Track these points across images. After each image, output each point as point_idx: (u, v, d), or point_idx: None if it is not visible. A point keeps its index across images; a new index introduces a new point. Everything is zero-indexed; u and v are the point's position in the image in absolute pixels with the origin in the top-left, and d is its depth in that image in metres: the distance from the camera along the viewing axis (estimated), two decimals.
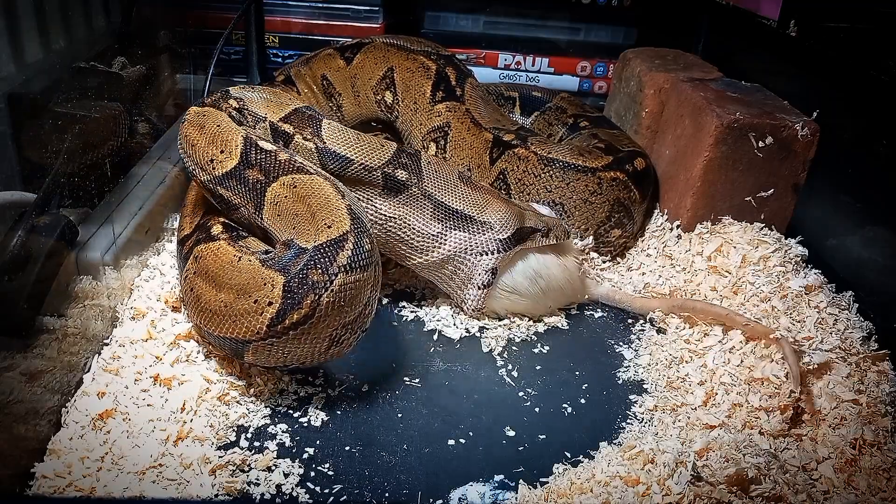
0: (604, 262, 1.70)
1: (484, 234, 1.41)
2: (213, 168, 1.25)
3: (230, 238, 1.24)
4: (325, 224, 1.17)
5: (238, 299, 1.14)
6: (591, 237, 1.66)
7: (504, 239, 1.42)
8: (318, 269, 1.12)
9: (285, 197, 1.22)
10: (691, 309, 1.43)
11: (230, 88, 1.42)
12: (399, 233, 1.40)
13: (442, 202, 1.40)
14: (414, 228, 1.40)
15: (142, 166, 1.60)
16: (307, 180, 1.23)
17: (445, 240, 1.41)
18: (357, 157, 1.36)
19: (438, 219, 1.40)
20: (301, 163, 1.26)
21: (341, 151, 1.36)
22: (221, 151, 1.25)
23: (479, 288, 1.43)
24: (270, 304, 1.11)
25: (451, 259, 1.42)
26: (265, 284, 1.12)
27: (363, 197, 1.38)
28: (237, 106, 1.36)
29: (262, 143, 1.26)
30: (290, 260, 1.15)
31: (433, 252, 1.41)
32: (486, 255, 1.41)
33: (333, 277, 1.12)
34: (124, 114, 1.52)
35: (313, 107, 1.43)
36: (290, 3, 2.23)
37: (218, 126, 1.28)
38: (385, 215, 1.39)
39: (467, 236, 1.41)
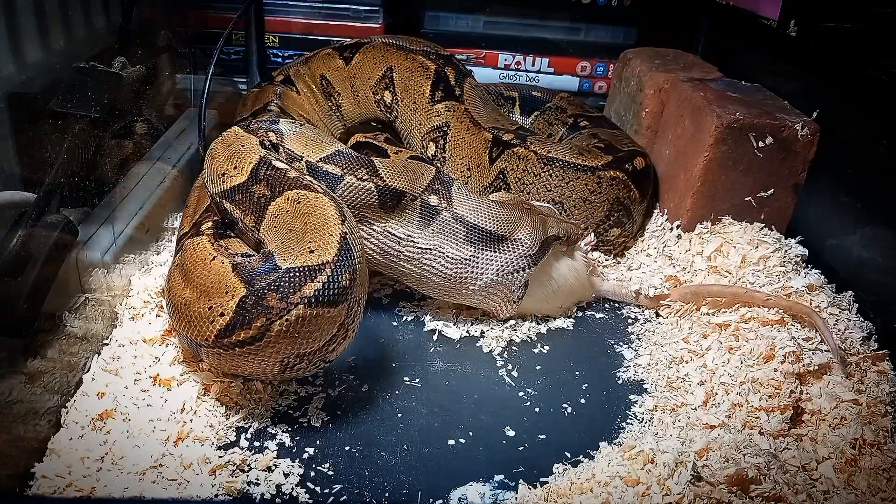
0: (607, 259, 1.70)
1: (516, 252, 1.40)
2: (223, 182, 1.23)
3: (213, 235, 1.23)
4: (309, 248, 1.11)
5: (198, 300, 1.11)
6: (593, 234, 1.66)
7: (534, 254, 1.41)
8: (279, 293, 1.06)
9: (286, 211, 1.18)
10: (706, 293, 1.43)
11: (281, 120, 1.41)
12: (436, 265, 1.37)
13: (476, 224, 1.37)
14: (449, 256, 1.37)
15: (142, 166, 1.60)
16: (312, 198, 1.18)
17: (479, 263, 1.38)
18: (409, 188, 1.34)
19: (471, 241, 1.37)
20: (310, 181, 1.22)
21: (399, 186, 1.33)
22: (235, 167, 1.23)
23: (514, 302, 1.43)
24: (222, 314, 1.08)
25: (490, 283, 1.40)
26: (226, 292, 1.09)
27: (404, 235, 1.34)
28: (275, 139, 1.34)
29: (275, 163, 1.23)
30: (259, 274, 1.10)
31: (476, 281, 1.39)
32: (520, 271, 1.40)
33: (291, 307, 1.06)
34: (90, 128, 1.41)
35: (350, 149, 1.40)
36: (290, 3, 2.23)
37: (243, 146, 1.27)
38: (421, 247, 1.35)
39: (502, 257, 1.39)
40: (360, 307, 1.17)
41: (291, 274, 1.08)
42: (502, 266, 1.39)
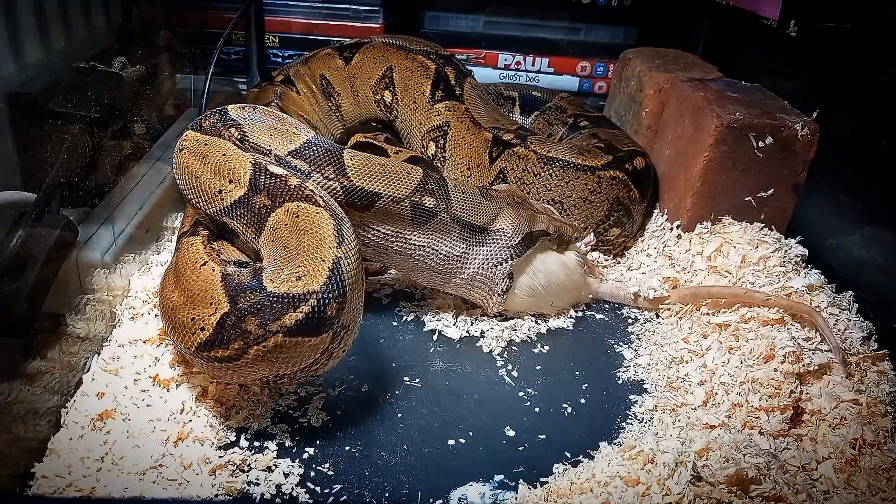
0: (606, 259, 1.70)
1: (499, 243, 1.40)
2: (222, 199, 1.16)
3: (208, 237, 1.20)
4: (297, 273, 1.06)
5: (184, 306, 1.09)
6: (593, 234, 1.66)
7: (516, 244, 1.41)
8: (258, 319, 1.03)
9: (285, 224, 1.12)
10: (706, 295, 1.43)
11: (228, 108, 1.28)
12: (427, 260, 1.37)
13: (468, 222, 1.38)
14: (442, 254, 1.37)
15: (141, 166, 1.60)
16: (312, 212, 1.12)
17: (469, 258, 1.39)
18: (385, 190, 1.28)
19: (464, 238, 1.38)
20: (311, 190, 1.16)
21: (369, 187, 1.27)
22: (230, 181, 1.16)
23: (500, 295, 1.43)
24: (203, 329, 1.06)
25: (474, 275, 1.41)
26: (210, 304, 1.06)
27: (391, 232, 1.32)
28: (238, 136, 1.25)
29: (272, 168, 1.17)
30: (244, 291, 1.05)
31: (460, 273, 1.40)
32: (503, 263, 1.41)
33: (269, 335, 1.03)
34: (90, 128, 1.37)
35: (323, 137, 1.33)
36: (290, 3, 2.23)
37: (223, 155, 1.19)
38: (415, 244, 1.34)
39: (486, 249, 1.40)
40: (348, 333, 1.12)
41: (274, 300, 1.04)
42: (486, 258, 1.40)
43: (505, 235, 1.41)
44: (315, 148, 1.27)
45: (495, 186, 1.55)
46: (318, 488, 1.06)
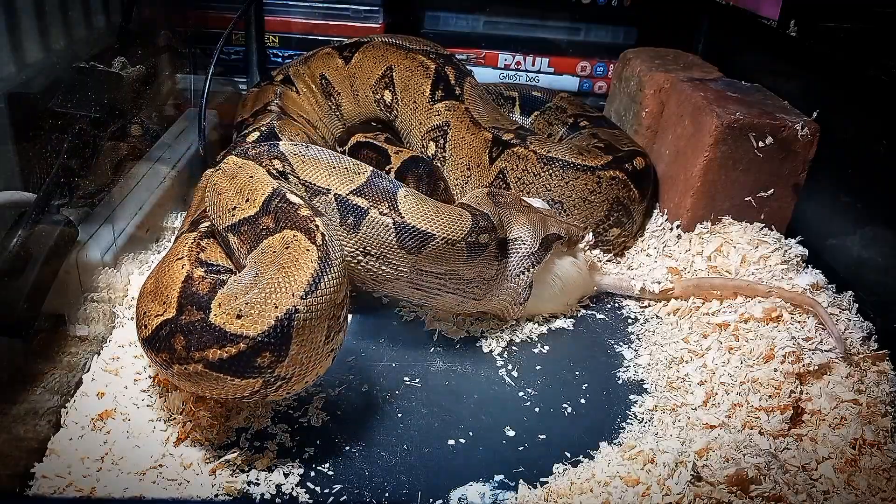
0: (607, 260, 1.70)
1: (519, 253, 1.39)
2: (233, 216, 1.15)
3: (202, 234, 1.20)
4: (240, 310, 0.99)
5: (147, 296, 1.09)
6: (591, 234, 1.66)
7: (536, 252, 1.40)
8: (186, 340, 0.99)
9: (273, 251, 1.07)
10: (709, 286, 1.43)
11: (280, 144, 1.28)
12: (476, 289, 1.35)
13: (504, 239, 1.37)
14: (486, 278, 1.35)
15: (141, 166, 1.60)
16: (302, 248, 1.06)
17: (500, 274, 1.37)
18: (439, 233, 1.25)
19: (498, 257, 1.36)
20: (317, 225, 1.10)
21: (422, 226, 1.24)
22: (247, 201, 1.15)
23: (520, 305, 1.43)
24: (146, 327, 1.05)
25: (499, 288, 1.39)
26: (163, 303, 1.04)
27: (448, 272, 1.30)
28: (281, 167, 1.23)
29: (290, 196, 1.15)
30: (193, 301, 1.02)
31: (490, 291, 1.38)
32: (525, 272, 1.40)
33: (191, 361, 0.99)
34: (90, 128, 1.36)
35: (380, 171, 1.30)
36: (290, 3, 2.23)
37: (251, 177, 1.18)
38: (467, 279, 1.33)
39: (511, 261, 1.39)
40: (290, 383, 1.05)
41: (205, 328, 0.99)
42: (511, 270, 1.39)
43: (524, 244, 1.40)
44: (374, 185, 1.26)
45: (492, 190, 1.55)
46: (318, 488, 1.06)
